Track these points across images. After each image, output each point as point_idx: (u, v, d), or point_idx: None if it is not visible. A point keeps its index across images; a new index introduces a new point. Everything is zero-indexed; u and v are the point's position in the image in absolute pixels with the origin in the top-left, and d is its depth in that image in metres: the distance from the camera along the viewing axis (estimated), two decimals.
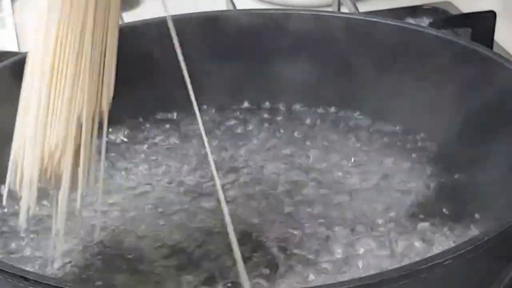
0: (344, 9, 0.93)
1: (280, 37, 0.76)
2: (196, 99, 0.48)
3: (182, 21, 0.74)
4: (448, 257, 0.46)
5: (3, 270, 0.46)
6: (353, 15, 0.84)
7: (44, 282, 0.46)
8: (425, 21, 0.91)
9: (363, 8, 0.88)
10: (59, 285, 0.46)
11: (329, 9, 0.97)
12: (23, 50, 0.95)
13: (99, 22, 0.47)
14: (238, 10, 0.88)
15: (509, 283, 0.49)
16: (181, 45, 0.48)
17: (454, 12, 0.94)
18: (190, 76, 0.47)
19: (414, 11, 0.93)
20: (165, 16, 0.49)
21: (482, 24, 0.85)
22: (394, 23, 0.73)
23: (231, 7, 0.90)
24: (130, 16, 0.91)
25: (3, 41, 1.00)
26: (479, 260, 0.47)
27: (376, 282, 0.45)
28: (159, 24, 0.75)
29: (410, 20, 0.91)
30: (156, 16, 0.77)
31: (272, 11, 0.78)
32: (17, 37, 1.01)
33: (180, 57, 0.48)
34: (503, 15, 0.89)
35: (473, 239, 0.47)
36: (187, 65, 0.48)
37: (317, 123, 0.74)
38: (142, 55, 0.72)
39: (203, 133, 0.50)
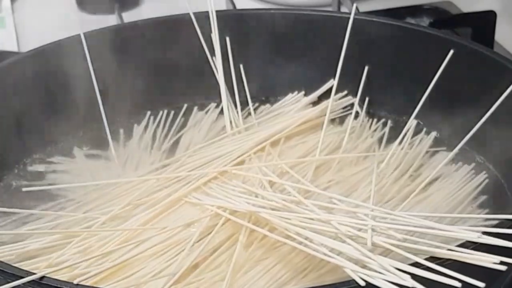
0: (344, 9, 0.93)
1: (280, 37, 0.76)
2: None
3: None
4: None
5: (3, 270, 0.46)
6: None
7: (43, 282, 0.46)
8: (425, 21, 0.91)
9: (363, 8, 0.88)
10: (59, 285, 0.46)
11: (329, 9, 0.97)
12: (23, 50, 0.95)
13: None
14: (239, 9, 0.88)
15: (509, 283, 0.49)
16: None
17: (454, 12, 0.94)
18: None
19: (414, 11, 0.93)
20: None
21: (483, 24, 0.85)
22: (394, 23, 0.73)
23: (231, 7, 0.90)
24: (130, 16, 0.91)
25: (3, 41, 1.00)
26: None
27: None
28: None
29: (410, 20, 0.91)
30: (155, 16, 0.77)
31: (272, 11, 0.78)
32: (17, 37, 1.01)
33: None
34: (503, 15, 0.89)
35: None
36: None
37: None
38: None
39: None
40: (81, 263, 0.54)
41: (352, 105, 0.73)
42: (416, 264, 0.45)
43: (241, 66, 0.76)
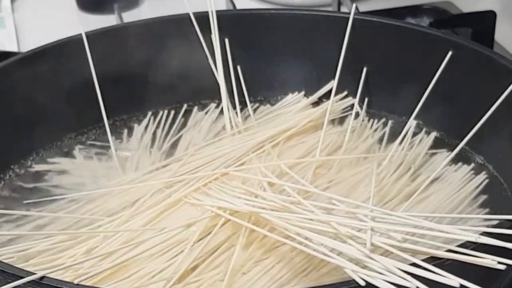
0: (344, 9, 0.93)
1: (280, 37, 0.76)
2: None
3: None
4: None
5: (3, 270, 0.46)
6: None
7: (43, 282, 0.46)
8: (425, 21, 0.91)
9: (363, 8, 0.88)
10: (59, 285, 0.46)
11: (329, 9, 0.97)
12: (23, 50, 0.95)
13: None
14: (239, 9, 0.88)
15: (509, 283, 0.49)
16: None
17: (454, 12, 0.94)
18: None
19: (414, 11, 0.93)
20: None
21: (482, 24, 0.85)
22: (394, 23, 0.73)
23: (231, 7, 0.90)
24: (130, 16, 0.91)
25: (3, 41, 1.00)
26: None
27: None
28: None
29: (410, 20, 0.91)
30: (155, 16, 0.77)
31: (272, 11, 0.78)
32: (17, 37, 1.01)
33: None
34: (503, 15, 0.89)
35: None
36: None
37: None
38: None
39: None
40: (81, 264, 0.54)
41: (352, 105, 0.73)
42: (415, 265, 0.45)
43: (238, 67, 0.76)
